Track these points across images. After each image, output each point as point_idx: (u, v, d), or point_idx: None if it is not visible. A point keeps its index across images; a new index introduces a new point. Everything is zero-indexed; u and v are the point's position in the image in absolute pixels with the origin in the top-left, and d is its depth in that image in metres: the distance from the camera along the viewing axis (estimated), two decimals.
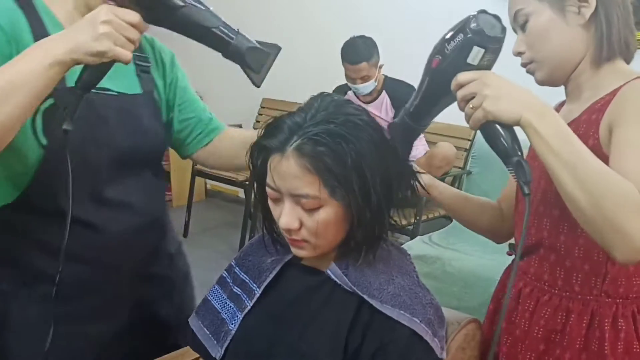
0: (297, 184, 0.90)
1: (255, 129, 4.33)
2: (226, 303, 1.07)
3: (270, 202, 0.97)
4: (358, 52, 3.04)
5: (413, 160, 1.48)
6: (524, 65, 1.11)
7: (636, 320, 1.04)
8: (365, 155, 0.91)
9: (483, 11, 0.92)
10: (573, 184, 0.86)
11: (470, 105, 0.91)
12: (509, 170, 0.91)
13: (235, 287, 1.08)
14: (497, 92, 0.88)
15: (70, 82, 0.99)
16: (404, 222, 3.51)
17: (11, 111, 0.91)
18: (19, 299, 1.12)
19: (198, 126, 1.34)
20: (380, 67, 3.16)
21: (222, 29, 1.00)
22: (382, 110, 3.24)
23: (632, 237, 0.84)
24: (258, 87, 1.03)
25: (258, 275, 1.06)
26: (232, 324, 1.04)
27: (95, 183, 1.11)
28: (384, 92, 3.24)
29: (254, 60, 1.01)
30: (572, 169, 0.86)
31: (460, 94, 0.92)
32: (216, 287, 1.11)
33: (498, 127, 0.90)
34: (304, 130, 0.91)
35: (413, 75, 0.94)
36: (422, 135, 3.31)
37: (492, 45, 0.91)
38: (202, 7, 0.98)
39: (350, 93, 3.31)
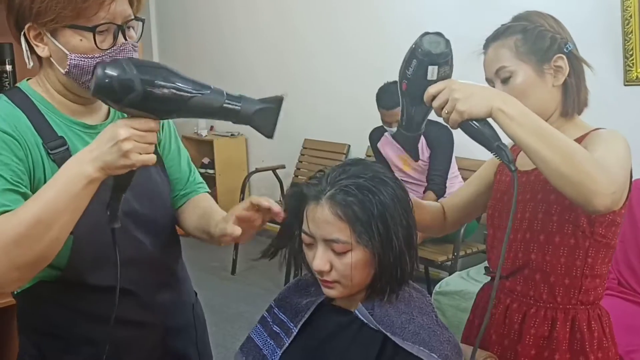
0: (330, 230, 1.06)
1: (297, 169, 4.54)
2: (267, 340, 1.21)
3: (304, 247, 1.12)
4: (392, 97, 3.15)
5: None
6: None
7: (602, 321, 1.30)
8: (388, 206, 1.06)
9: (425, 33, 1.08)
10: (545, 148, 1.04)
11: (446, 111, 1.07)
12: (493, 155, 1.09)
13: (275, 326, 1.22)
14: (465, 94, 1.05)
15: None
16: (442, 258, 3.59)
17: (59, 233, 1.00)
18: None
19: (177, 186, 1.37)
20: None
21: (228, 102, 1.02)
22: (419, 150, 3.35)
23: (602, 184, 1.02)
24: (271, 138, 1.07)
25: (295, 315, 1.19)
26: (272, 359, 1.17)
27: (124, 250, 1.14)
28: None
29: (263, 119, 1.05)
30: (541, 136, 1.04)
31: (434, 104, 1.09)
32: (258, 326, 1.25)
33: (474, 122, 1.07)
34: (336, 183, 1.07)
35: None
36: (457, 173, 3.41)
37: (442, 60, 1.07)
38: (207, 90, 1.00)
39: (387, 135, 3.44)
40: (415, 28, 4.15)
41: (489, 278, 1.46)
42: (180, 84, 0.97)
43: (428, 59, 1.06)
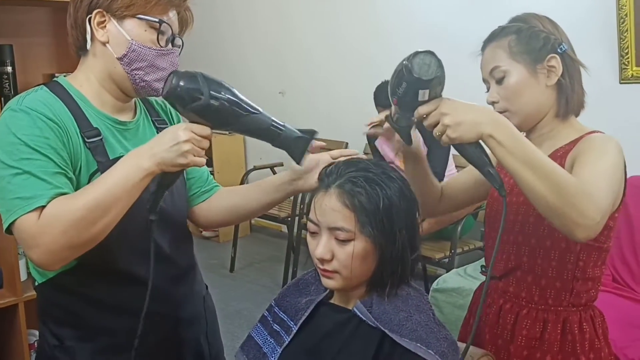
0: (335, 217, 1.08)
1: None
2: (267, 339, 1.23)
3: (308, 237, 1.15)
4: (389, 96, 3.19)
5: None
6: None
7: (595, 322, 1.31)
8: (394, 201, 1.09)
9: (415, 54, 1.03)
10: (534, 177, 1.03)
11: (437, 133, 1.07)
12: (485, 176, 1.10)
13: (275, 325, 1.24)
14: (455, 119, 1.04)
15: None
16: (439, 255, 3.61)
17: (113, 219, 1.10)
18: (82, 353, 1.25)
19: (197, 184, 1.44)
20: None
21: (273, 125, 1.15)
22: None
23: (588, 215, 1.03)
24: (300, 165, 1.21)
25: (294, 314, 1.21)
26: (273, 357, 1.19)
27: (141, 240, 1.21)
28: (416, 131, 3.37)
29: (298, 146, 1.18)
30: (531, 165, 1.04)
31: (425, 124, 1.09)
32: (258, 325, 1.28)
33: (465, 145, 1.07)
34: (346, 174, 1.10)
35: None
36: (455, 171, 3.43)
37: (433, 84, 1.04)
38: (257, 112, 1.13)
39: None
40: (415, 27, 4.19)
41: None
42: (239, 102, 1.09)
43: (419, 84, 1.03)
